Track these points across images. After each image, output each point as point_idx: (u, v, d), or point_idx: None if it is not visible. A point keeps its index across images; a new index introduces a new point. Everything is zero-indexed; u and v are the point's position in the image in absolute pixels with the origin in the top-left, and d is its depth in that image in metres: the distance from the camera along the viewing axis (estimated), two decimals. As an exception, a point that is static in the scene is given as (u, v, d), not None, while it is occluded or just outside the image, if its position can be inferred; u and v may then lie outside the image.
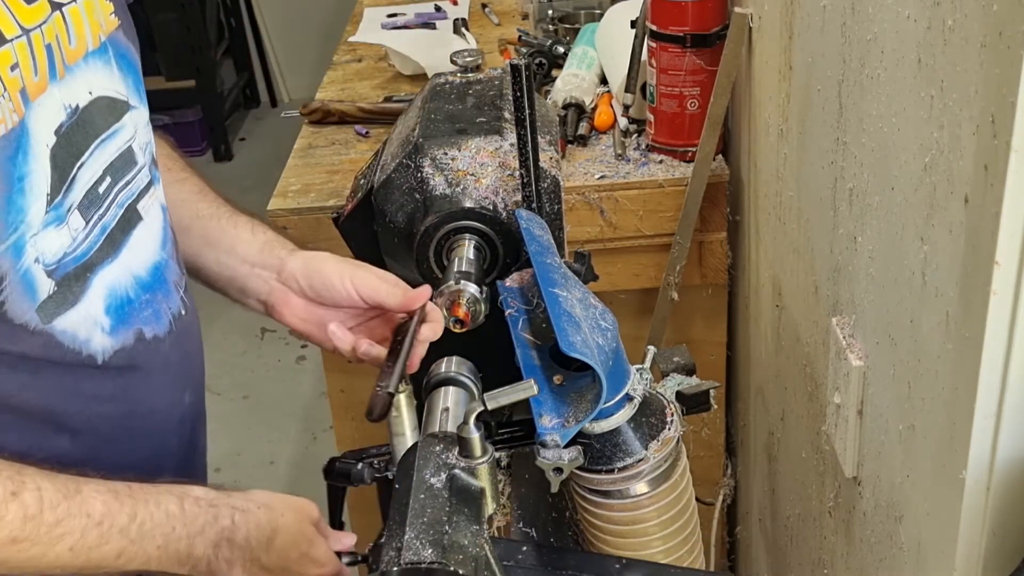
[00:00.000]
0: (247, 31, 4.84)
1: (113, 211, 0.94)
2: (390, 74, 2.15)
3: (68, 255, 0.88)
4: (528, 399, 0.86)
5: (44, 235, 0.85)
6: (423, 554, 0.75)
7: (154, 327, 0.98)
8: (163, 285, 1.00)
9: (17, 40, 0.82)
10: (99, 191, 0.92)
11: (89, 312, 0.90)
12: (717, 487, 1.83)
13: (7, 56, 0.81)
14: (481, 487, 0.82)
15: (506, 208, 1.13)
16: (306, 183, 1.73)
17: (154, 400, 0.99)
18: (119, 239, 0.94)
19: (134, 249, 0.96)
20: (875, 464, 1.01)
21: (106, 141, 0.93)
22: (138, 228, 0.97)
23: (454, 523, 0.78)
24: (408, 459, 0.85)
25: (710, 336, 1.77)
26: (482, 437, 0.82)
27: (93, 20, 0.93)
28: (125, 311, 0.94)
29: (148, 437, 0.99)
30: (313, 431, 2.91)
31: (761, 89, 1.41)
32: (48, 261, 0.86)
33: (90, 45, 0.92)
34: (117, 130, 0.95)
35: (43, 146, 0.84)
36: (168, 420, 1.02)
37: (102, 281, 0.92)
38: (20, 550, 0.78)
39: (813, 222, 1.18)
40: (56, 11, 0.88)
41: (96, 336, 0.91)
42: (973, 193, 0.72)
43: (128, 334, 0.94)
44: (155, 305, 0.98)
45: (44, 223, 0.85)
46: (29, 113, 0.83)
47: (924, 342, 0.84)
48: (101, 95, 0.93)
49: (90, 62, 0.92)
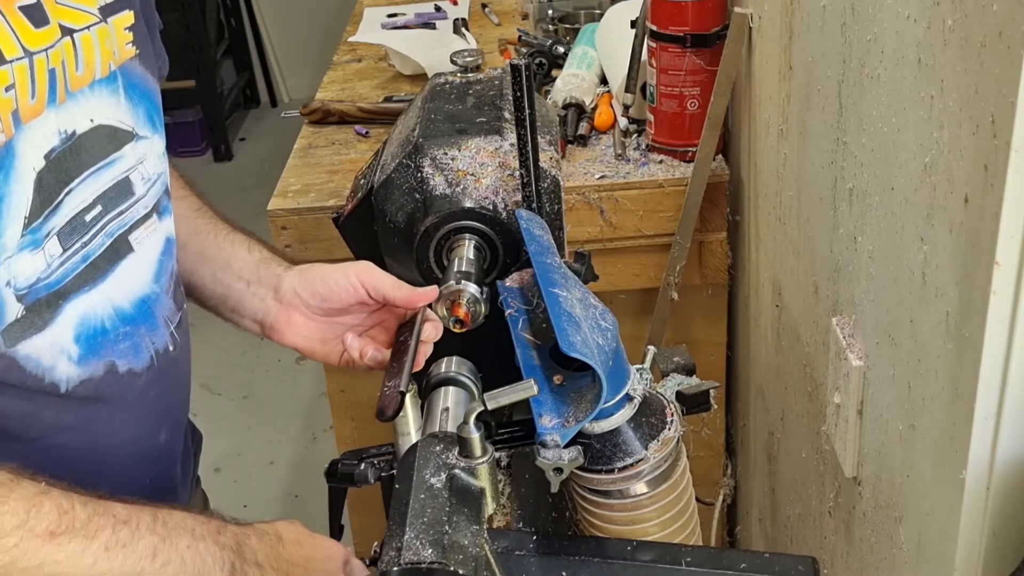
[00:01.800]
0: (247, 31, 4.84)
1: (100, 239, 0.92)
2: (390, 74, 2.15)
3: (41, 280, 0.86)
4: (528, 399, 0.86)
5: (18, 258, 0.83)
6: (423, 554, 0.75)
7: (130, 361, 0.95)
8: (149, 319, 0.98)
9: (17, 62, 0.81)
10: (86, 219, 0.90)
11: (56, 339, 0.88)
12: (717, 487, 1.83)
13: (3, 76, 0.80)
14: (481, 487, 0.82)
15: (506, 208, 1.13)
16: (306, 183, 1.73)
17: (122, 434, 0.97)
18: (103, 268, 0.92)
19: (119, 280, 0.94)
20: (875, 464, 1.01)
21: (102, 170, 0.92)
22: (127, 259, 0.95)
23: (454, 523, 0.78)
24: (408, 459, 0.85)
25: (710, 336, 1.77)
26: (482, 437, 0.82)
27: (105, 48, 0.92)
28: (97, 341, 0.92)
29: (113, 471, 0.96)
30: (313, 431, 2.91)
31: (761, 89, 1.41)
32: (20, 286, 0.84)
33: (98, 73, 0.91)
34: (115, 160, 0.93)
35: (29, 169, 0.83)
36: (137, 456, 0.99)
37: (75, 309, 0.90)
38: (59, 545, 0.77)
39: (813, 222, 1.18)
40: (66, 36, 0.87)
41: (61, 364, 0.89)
42: (973, 193, 0.72)
43: (98, 365, 0.92)
44: (135, 339, 0.96)
45: (19, 246, 0.83)
46: (18, 135, 0.82)
47: (924, 342, 0.84)
48: (103, 124, 0.92)
49: (96, 90, 0.91)
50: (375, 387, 0.97)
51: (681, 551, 0.90)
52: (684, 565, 0.88)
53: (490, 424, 0.96)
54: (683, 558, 0.89)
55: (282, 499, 2.67)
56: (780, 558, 0.90)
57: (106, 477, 0.94)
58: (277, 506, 2.64)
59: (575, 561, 0.90)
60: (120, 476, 0.97)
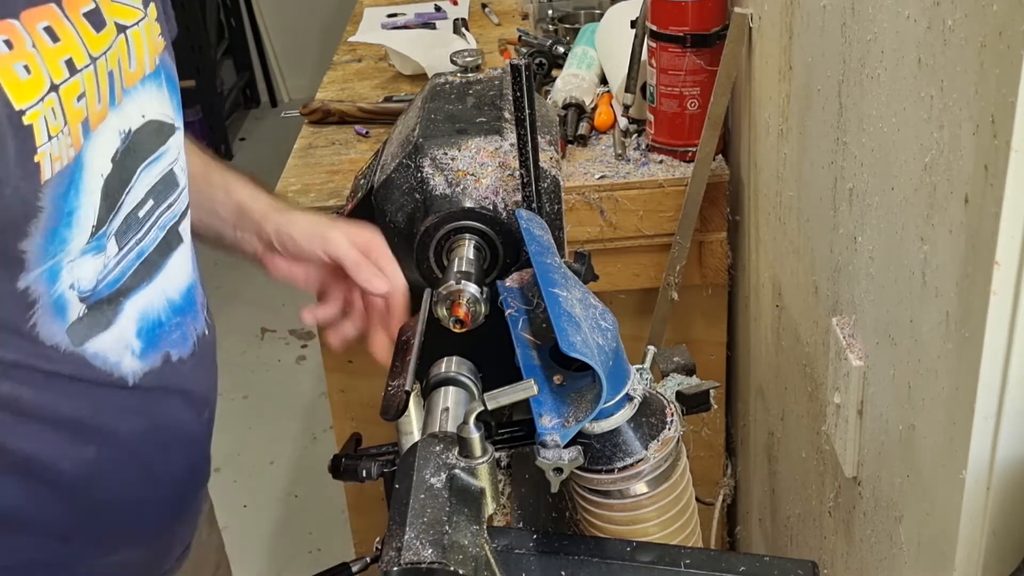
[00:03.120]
0: (247, 31, 4.84)
1: (153, 234, 0.94)
2: (390, 74, 2.15)
3: (101, 281, 0.87)
4: (528, 399, 0.86)
5: (80, 262, 0.84)
6: (423, 554, 0.75)
7: (180, 349, 0.98)
8: (192, 307, 1.01)
9: (86, 70, 0.81)
10: (139, 215, 0.91)
11: (122, 335, 0.90)
12: (717, 487, 1.83)
13: (75, 87, 0.79)
14: (481, 487, 0.82)
15: (506, 208, 1.13)
16: (306, 183, 1.73)
17: (178, 419, 1.00)
18: (157, 262, 0.94)
19: (171, 272, 0.97)
20: (875, 464, 1.01)
21: (152, 164, 0.93)
22: (178, 251, 0.98)
23: (454, 523, 0.78)
24: (408, 459, 0.85)
25: (710, 336, 1.77)
26: (482, 437, 0.82)
27: (152, 43, 0.93)
28: (156, 334, 0.95)
29: (168, 452, 1.00)
30: (313, 431, 2.91)
31: (761, 89, 1.41)
32: (83, 288, 0.85)
33: (147, 68, 0.92)
34: (163, 153, 0.94)
35: (97, 177, 0.84)
36: (188, 437, 1.03)
37: (135, 305, 0.92)
38: None
39: (813, 222, 1.18)
40: (121, 34, 0.87)
41: (127, 359, 0.91)
42: (973, 193, 0.72)
43: (156, 357, 0.95)
44: (183, 328, 0.99)
45: (82, 251, 0.84)
46: (87, 144, 0.82)
47: (924, 342, 0.84)
48: (152, 118, 0.93)
49: (147, 85, 0.92)
50: (375, 387, 0.97)
51: (680, 553, 0.90)
52: (683, 567, 0.88)
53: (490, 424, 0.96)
54: (682, 560, 0.89)
55: (282, 499, 2.67)
56: (780, 562, 0.89)
57: (162, 459, 0.99)
58: (277, 506, 2.64)
59: (575, 561, 0.90)
60: (172, 457, 1.01)
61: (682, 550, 0.91)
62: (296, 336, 3.31)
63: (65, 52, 0.79)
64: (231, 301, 3.35)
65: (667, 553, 0.90)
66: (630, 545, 0.91)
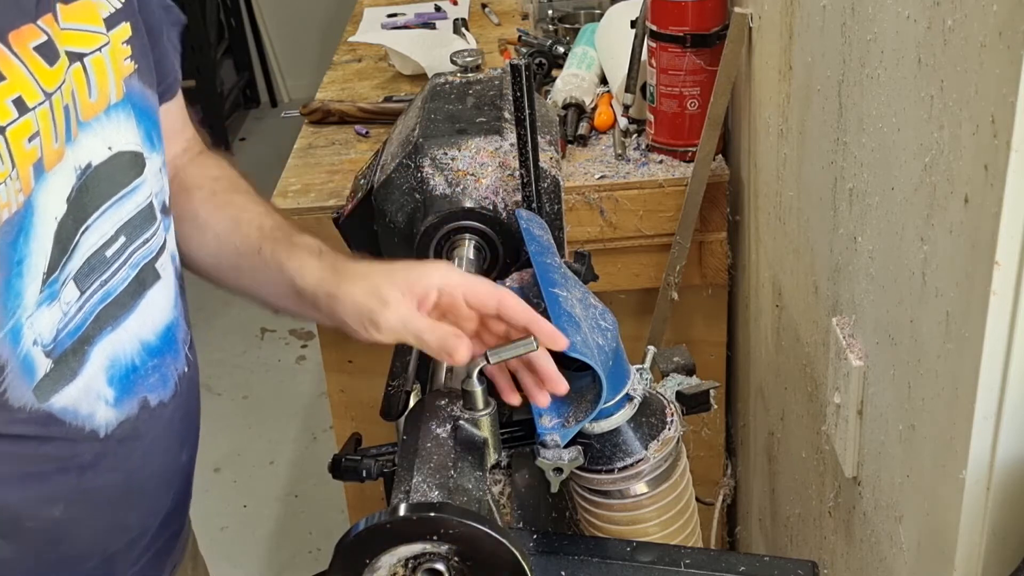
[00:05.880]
0: (247, 31, 4.84)
1: (124, 273, 0.88)
2: (390, 74, 2.15)
3: (62, 331, 0.82)
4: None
5: (38, 315, 0.79)
6: (430, 495, 0.79)
7: (160, 393, 0.93)
8: (171, 346, 0.95)
9: (40, 107, 0.76)
10: (107, 254, 0.86)
11: (90, 386, 0.85)
12: (717, 487, 1.83)
13: (26, 127, 0.74)
14: (484, 437, 0.86)
15: (506, 208, 1.13)
16: (306, 183, 1.73)
17: (153, 466, 0.95)
18: (126, 304, 0.88)
19: (144, 312, 0.90)
20: (875, 464, 1.01)
21: (124, 199, 0.87)
22: (153, 288, 0.92)
23: (459, 468, 0.82)
24: (415, 412, 0.90)
25: (710, 336, 1.77)
26: (484, 391, 0.86)
27: (117, 68, 0.86)
28: (130, 380, 0.89)
29: (142, 500, 0.95)
30: (313, 431, 2.91)
31: (761, 89, 1.41)
32: (46, 341, 0.80)
33: (112, 97, 0.85)
34: (137, 186, 0.88)
35: (51, 220, 0.79)
36: (164, 483, 0.98)
37: (102, 352, 0.86)
38: None
39: (813, 222, 1.18)
40: (75, 63, 0.81)
41: (100, 409, 0.86)
42: (973, 193, 0.72)
43: (133, 403, 0.90)
44: (162, 370, 0.93)
45: (38, 303, 0.79)
46: (40, 186, 0.77)
47: (924, 342, 0.84)
48: (122, 149, 0.86)
49: (112, 115, 0.85)
50: (376, 387, 0.97)
51: (680, 553, 0.90)
52: (683, 567, 0.89)
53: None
54: (682, 560, 0.89)
55: (282, 499, 2.67)
56: (779, 562, 0.90)
57: (132, 509, 0.93)
58: (277, 506, 2.64)
59: (575, 561, 0.90)
60: (146, 504, 0.96)
61: (682, 550, 0.91)
62: (296, 336, 3.31)
63: (12, 91, 0.74)
64: (231, 301, 3.33)
65: (667, 553, 0.90)
66: (630, 545, 0.91)
